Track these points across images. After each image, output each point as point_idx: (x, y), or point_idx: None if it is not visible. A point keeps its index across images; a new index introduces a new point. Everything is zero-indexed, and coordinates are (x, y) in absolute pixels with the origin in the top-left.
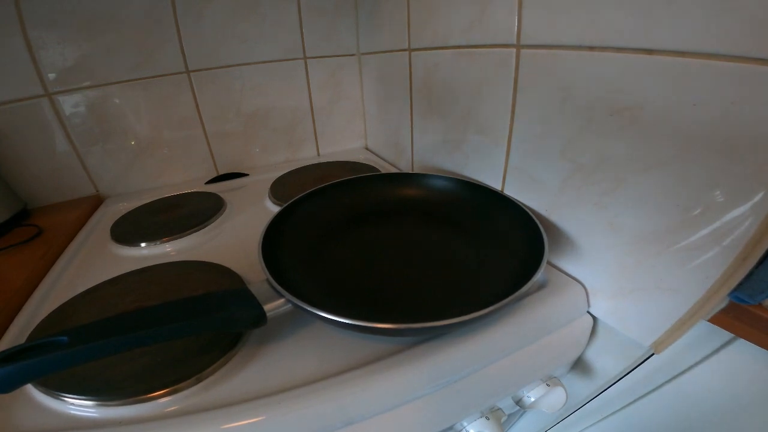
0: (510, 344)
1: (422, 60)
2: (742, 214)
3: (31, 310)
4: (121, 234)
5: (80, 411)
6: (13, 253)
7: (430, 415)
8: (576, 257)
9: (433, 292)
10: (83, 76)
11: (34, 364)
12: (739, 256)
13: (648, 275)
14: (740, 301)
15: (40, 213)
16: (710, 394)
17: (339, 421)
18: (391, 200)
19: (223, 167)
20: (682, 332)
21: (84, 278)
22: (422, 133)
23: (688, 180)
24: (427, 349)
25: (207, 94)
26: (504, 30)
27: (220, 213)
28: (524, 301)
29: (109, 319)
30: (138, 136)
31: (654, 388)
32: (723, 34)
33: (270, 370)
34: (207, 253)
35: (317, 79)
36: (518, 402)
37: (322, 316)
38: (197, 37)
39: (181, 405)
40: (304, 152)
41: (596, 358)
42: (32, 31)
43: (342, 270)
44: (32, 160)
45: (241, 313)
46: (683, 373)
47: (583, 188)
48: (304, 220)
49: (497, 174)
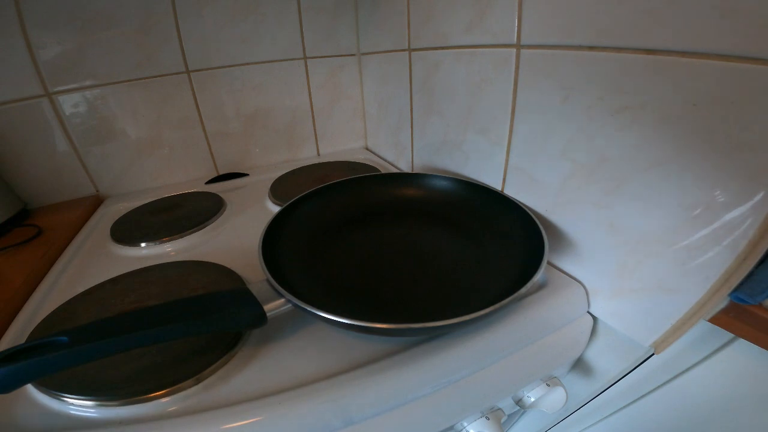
0: (510, 344)
1: (422, 60)
2: (742, 214)
3: (31, 310)
4: (121, 234)
5: (80, 411)
6: (13, 253)
7: (430, 415)
8: (576, 257)
9: (433, 292)
10: (83, 76)
11: (34, 364)
12: (739, 256)
13: (648, 275)
14: (740, 301)
15: (40, 213)
16: (710, 394)
17: (339, 421)
18: (391, 200)
19: (223, 167)
20: (682, 332)
21: (84, 278)
22: (422, 133)
23: (688, 180)
24: (427, 349)
25: (207, 94)
26: (504, 30)
27: (220, 213)
28: (524, 301)
29: (109, 319)
30: (138, 136)
31: (654, 388)
32: (723, 34)
33: (270, 370)
34: (207, 253)
35: (317, 79)
36: (518, 402)
37: (322, 316)
38: (197, 37)
39: (181, 405)
40: (304, 152)
41: (596, 358)
42: (32, 31)
43: (342, 270)
44: (32, 160)
45: (241, 313)
46: (683, 373)
47: (583, 188)
48: (304, 220)
49: (497, 174)
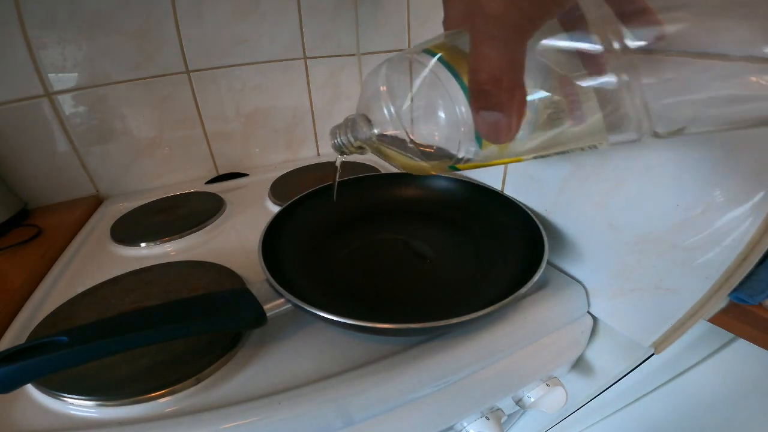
0: (510, 344)
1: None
2: (742, 214)
3: (31, 310)
4: (121, 234)
5: (80, 411)
6: (12, 253)
7: (430, 415)
8: (576, 257)
9: (433, 292)
10: (83, 76)
11: (34, 364)
12: (739, 256)
13: (648, 275)
14: (740, 301)
15: (40, 213)
16: (710, 394)
17: (339, 421)
18: (391, 200)
19: (223, 167)
20: (682, 332)
21: (84, 278)
22: None
23: (688, 180)
24: (427, 349)
25: (207, 94)
26: None
27: (220, 213)
28: (524, 302)
29: (109, 319)
30: (138, 136)
31: (654, 388)
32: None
33: (270, 371)
34: (207, 253)
35: (317, 79)
36: (518, 402)
37: (322, 316)
38: (197, 37)
39: (180, 405)
40: (304, 152)
41: (596, 358)
42: (32, 31)
43: (342, 270)
44: (32, 160)
45: (241, 313)
46: (683, 373)
47: (583, 188)
48: (304, 220)
49: (497, 174)
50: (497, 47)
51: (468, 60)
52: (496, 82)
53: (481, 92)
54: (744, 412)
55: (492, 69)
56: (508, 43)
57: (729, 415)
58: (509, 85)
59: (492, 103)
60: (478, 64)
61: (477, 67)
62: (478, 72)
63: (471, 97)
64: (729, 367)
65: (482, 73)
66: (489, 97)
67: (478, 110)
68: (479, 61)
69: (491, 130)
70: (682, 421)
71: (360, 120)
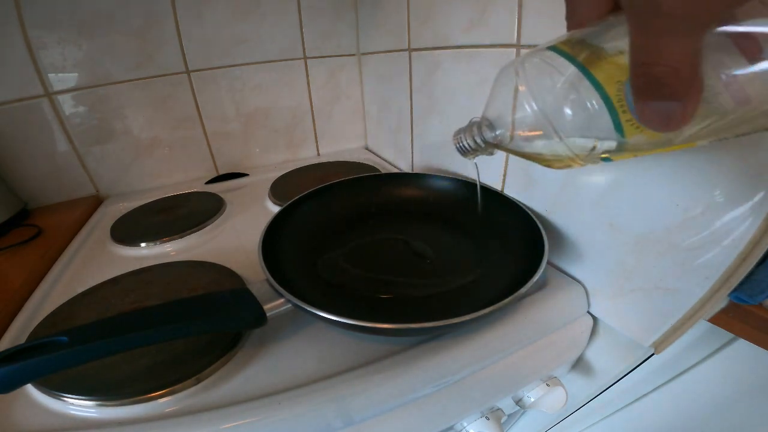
0: (510, 344)
1: (422, 60)
2: (742, 214)
3: (31, 310)
4: (121, 234)
5: (80, 411)
6: (12, 253)
7: (430, 415)
8: (576, 257)
9: (433, 292)
10: (83, 76)
11: (34, 364)
12: (739, 256)
13: (648, 275)
14: (740, 301)
15: (40, 213)
16: (710, 394)
17: (339, 421)
18: (391, 200)
19: (223, 167)
20: (682, 332)
21: (84, 278)
22: (422, 133)
23: (688, 180)
24: (427, 349)
25: (207, 94)
26: (504, 30)
27: (220, 213)
28: (524, 301)
29: (109, 319)
30: (138, 135)
31: (654, 388)
32: None
33: (270, 371)
34: (207, 253)
35: (317, 79)
36: (518, 402)
37: (322, 316)
38: (197, 37)
39: (180, 405)
40: (304, 152)
41: (596, 358)
42: (32, 31)
43: (342, 270)
44: (32, 160)
45: (241, 313)
46: (683, 373)
47: (583, 188)
48: (304, 220)
49: (497, 174)
50: (678, 41)
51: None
52: (675, 72)
53: (656, 84)
54: (744, 412)
55: (671, 62)
56: (691, 35)
57: (729, 415)
58: (689, 75)
59: (667, 93)
60: (651, 57)
61: (650, 60)
62: (653, 66)
63: (637, 88)
64: (729, 367)
65: (658, 67)
66: (664, 89)
67: (646, 100)
68: (653, 54)
69: (662, 119)
70: (682, 421)
71: (485, 122)
